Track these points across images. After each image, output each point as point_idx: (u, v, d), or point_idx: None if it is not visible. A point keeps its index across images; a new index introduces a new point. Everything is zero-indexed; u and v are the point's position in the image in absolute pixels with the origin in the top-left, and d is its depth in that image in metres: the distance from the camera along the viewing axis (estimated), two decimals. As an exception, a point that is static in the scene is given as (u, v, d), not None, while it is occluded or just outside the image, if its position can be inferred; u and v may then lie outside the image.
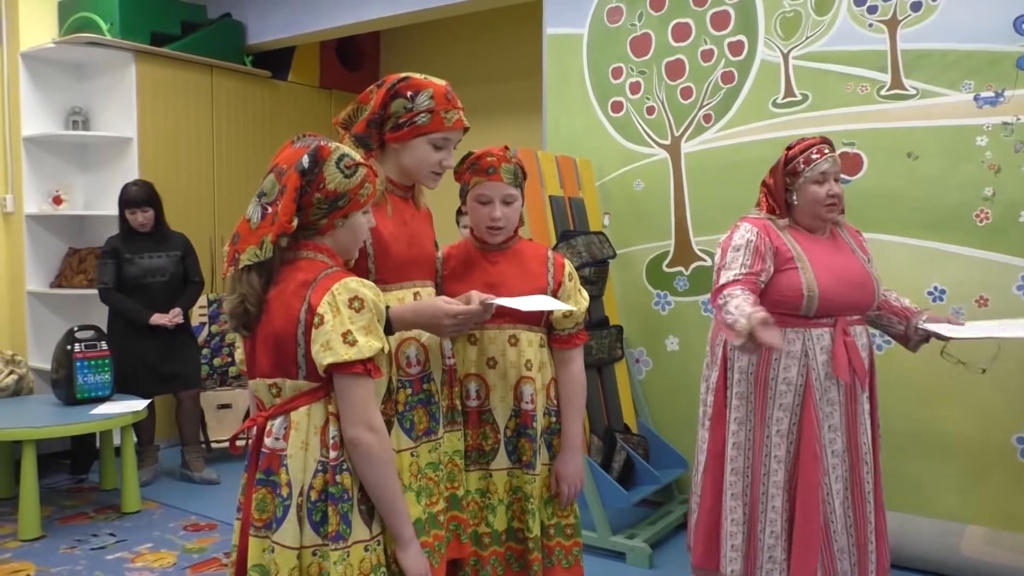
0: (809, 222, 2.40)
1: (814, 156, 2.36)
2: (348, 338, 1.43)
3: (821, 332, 2.31)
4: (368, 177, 1.56)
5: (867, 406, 2.38)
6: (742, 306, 2.12)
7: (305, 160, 1.50)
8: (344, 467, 1.48)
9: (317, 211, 1.52)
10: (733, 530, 2.37)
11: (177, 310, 4.09)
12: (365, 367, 1.45)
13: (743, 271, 2.28)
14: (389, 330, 1.70)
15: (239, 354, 1.64)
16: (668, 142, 3.71)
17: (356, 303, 1.46)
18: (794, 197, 2.38)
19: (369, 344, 1.45)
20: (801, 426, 2.30)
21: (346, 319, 1.44)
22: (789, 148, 2.42)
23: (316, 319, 1.45)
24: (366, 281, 1.51)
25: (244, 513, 1.54)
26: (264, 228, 1.48)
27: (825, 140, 2.42)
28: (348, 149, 1.57)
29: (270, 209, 1.49)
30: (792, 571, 2.29)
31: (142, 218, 4.11)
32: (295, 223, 1.49)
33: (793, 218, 2.41)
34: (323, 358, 1.43)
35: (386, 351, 1.49)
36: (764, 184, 2.46)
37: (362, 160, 1.57)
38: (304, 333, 1.46)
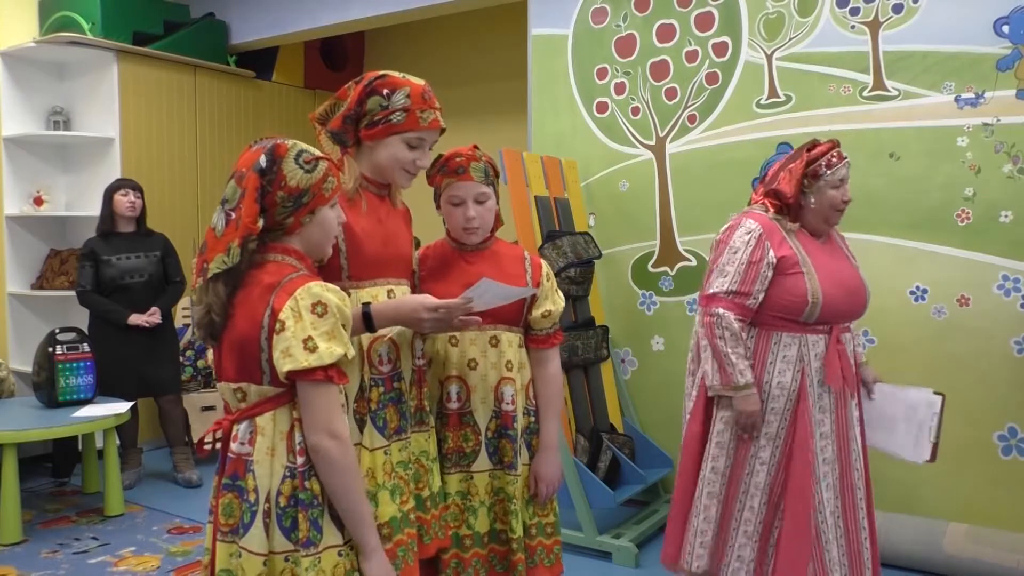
0: (815, 226, 2.38)
1: (835, 160, 2.33)
2: (309, 344, 1.40)
3: (817, 339, 2.30)
4: (330, 170, 1.53)
5: (856, 412, 2.38)
6: (741, 366, 2.25)
7: (262, 160, 1.47)
8: (312, 473, 1.46)
9: (282, 210, 1.49)
10: (704, 527, 2.35)
11: (154, 309, 4.07)
12: (326, 373, 1.42)
13: (735, 286, 2.28)
14: (371, 327, 1.69)
15: (211, 355, 1.61)
16: (653, 142, 3.72)
17: (319, 308, 1.43)
18: (811, 200, 2.34)
19: (330, 350, 1.41)
20: (794, 432, 2.29)
21: (308, 325, 1.41)
22: (808, 150, 2.36)
23: (278, 325, 1.42)
24: (330, 285, 1.48)
25: (214, 516, 1.51)
26: (229, 235, 1.45)
27: (838, 144, 2.39)
28: (305, 145, 1.54)
29: (233, 215, 1.46)
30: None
31: (132, 197, 4.09)
32: (260, 224, 1.46)
33: (801, 220, 2.37)
34: (283, 365, 1.41)
35: (350, 356, 1.46)
36: (772, 188, 2.38)
37: (322, 154, 1.55)
38: (267, 338, 1.43)
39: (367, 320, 1.70)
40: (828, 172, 2.32)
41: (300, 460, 1.45)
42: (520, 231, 3.31)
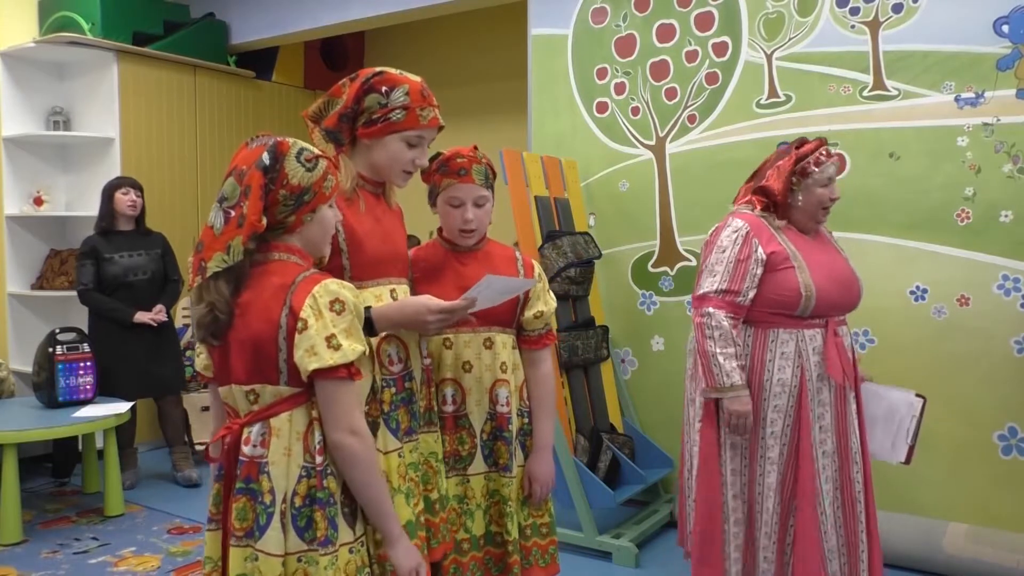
0: (803, 223, 2.39)
1: (823, 159, 2.33)
2: (332, 342, 1.41)
3: (813, 333, 2.30)
4: (329, 169, 1.53)
5: (854, 406, 2.38)
6: (728, 367, 2.25)
7: (266, 157, 1.47)
8: (329, 471, 1.47)
9: (284, 208, 1.48)
10: (736, 530, 2.36)
11: (160, 307, 4.07)
12: (349, 371, 1.43)
13: (724, 285, 2.28)
14: (372, 330, 1.68)
15: (199, 361, 1.59)
16: (653, 142, 3.72)
17: (337, 305, 1.44)
18: (799, 198, 2.35)
19: (352, 347, 1.43)
20: (799, 428, 2.29)
21: (329, 322, 1.42)
22: (797, 147, 2.37)
23: (299, 324, 1.41)
24: (344, 283, 1.49)
25: (223, 524, 1.50)
26: (229, 233, 1.44)
27: (826, 141, 2.40)
28: (305, 143, 1.53)
29: (233, 213, 1.45)
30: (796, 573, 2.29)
31: (134, 196, 4.10)
32: (264, 222, 1.45)
33: (789, 218, 2.39)
34: (308, 363, 1.41)
35: (367, 353, 1.47)
36: (760, 186, 2.40)
37: (320, 152, 1.54)
38: (286, 338, 1.43)
39: (368, 324, 1.67)
40: (816, 170, 2.33)
41: (319, 460, 1.45)
42: (520, 231, 3.31)
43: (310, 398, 1.46)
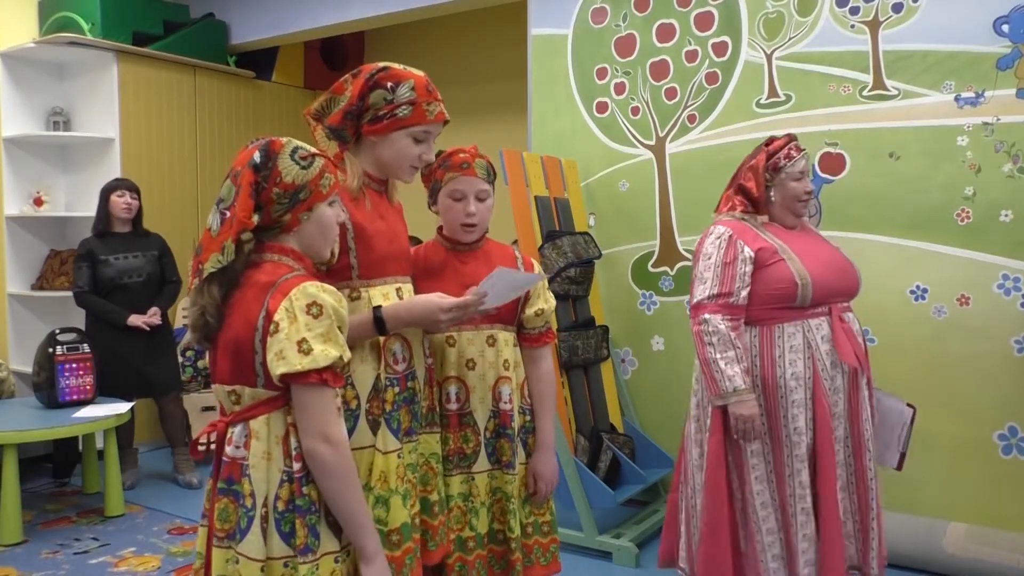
0: (783, 219, 2.42)
1: (793, 153, 2.39)
2: (303, 346, 1.37)
3: (819, 322, 2.30)
4: (327, 167, 1.51)
5: (866, 392, 2.37)
6: (730, 372, 2.24)
7: (257, 156, 1.46)
8: (310, 479, 1.43)
9: (278, 207, 1.47)
10: (771, 540, 2.30)
11: (155, 309, 4.07)
12: (321, 376, 1.38)
13: (715, 289, 2.29)
14: (383, 329, 1.68)
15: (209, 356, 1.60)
16: (653, 142, 3.72)
17: (314, 309, 1.39)
18: (772, 194, 2.40)
19: (325, 352, 1.38)
20: (816, 419, 2.27)
21: (302, 326, 1.38)
22: (766, 145, 2.43)
23: (272, 326, 1.39)
24: (326, 286, 1.45)
25: (209, 521, 1.49)
26: (224, 233, 1.43)
27: (795, 137, 2.45)
28: (300, 142, 1.52)
29: (228, 214, 1.44)
30: (824, 569, 2.25)
31: (129, 199, 4.09)
32: (255, 219, 1.44)
33: (769, 214, 2.44)
34: (276, 367, 1.38)
35: (346, 359, 1.43)
36: (738, 187, 2.45)
37: (317, 151, 1.53)
38: (261, 340, 1.40)
39: (379, 324, 1.66)
40: (788, 164, 2.37)
41: (297, 466, 1.42)
42: (520, 231, 3.31)
43: (287, 402, 1.44)
